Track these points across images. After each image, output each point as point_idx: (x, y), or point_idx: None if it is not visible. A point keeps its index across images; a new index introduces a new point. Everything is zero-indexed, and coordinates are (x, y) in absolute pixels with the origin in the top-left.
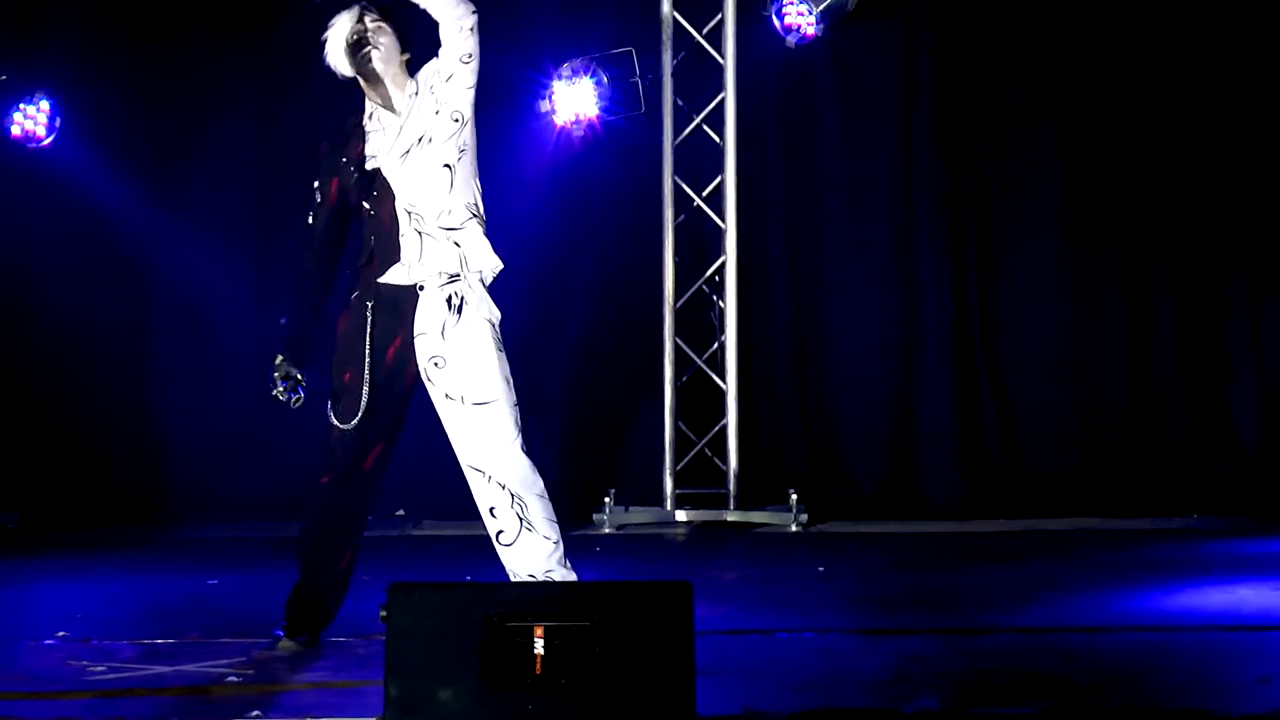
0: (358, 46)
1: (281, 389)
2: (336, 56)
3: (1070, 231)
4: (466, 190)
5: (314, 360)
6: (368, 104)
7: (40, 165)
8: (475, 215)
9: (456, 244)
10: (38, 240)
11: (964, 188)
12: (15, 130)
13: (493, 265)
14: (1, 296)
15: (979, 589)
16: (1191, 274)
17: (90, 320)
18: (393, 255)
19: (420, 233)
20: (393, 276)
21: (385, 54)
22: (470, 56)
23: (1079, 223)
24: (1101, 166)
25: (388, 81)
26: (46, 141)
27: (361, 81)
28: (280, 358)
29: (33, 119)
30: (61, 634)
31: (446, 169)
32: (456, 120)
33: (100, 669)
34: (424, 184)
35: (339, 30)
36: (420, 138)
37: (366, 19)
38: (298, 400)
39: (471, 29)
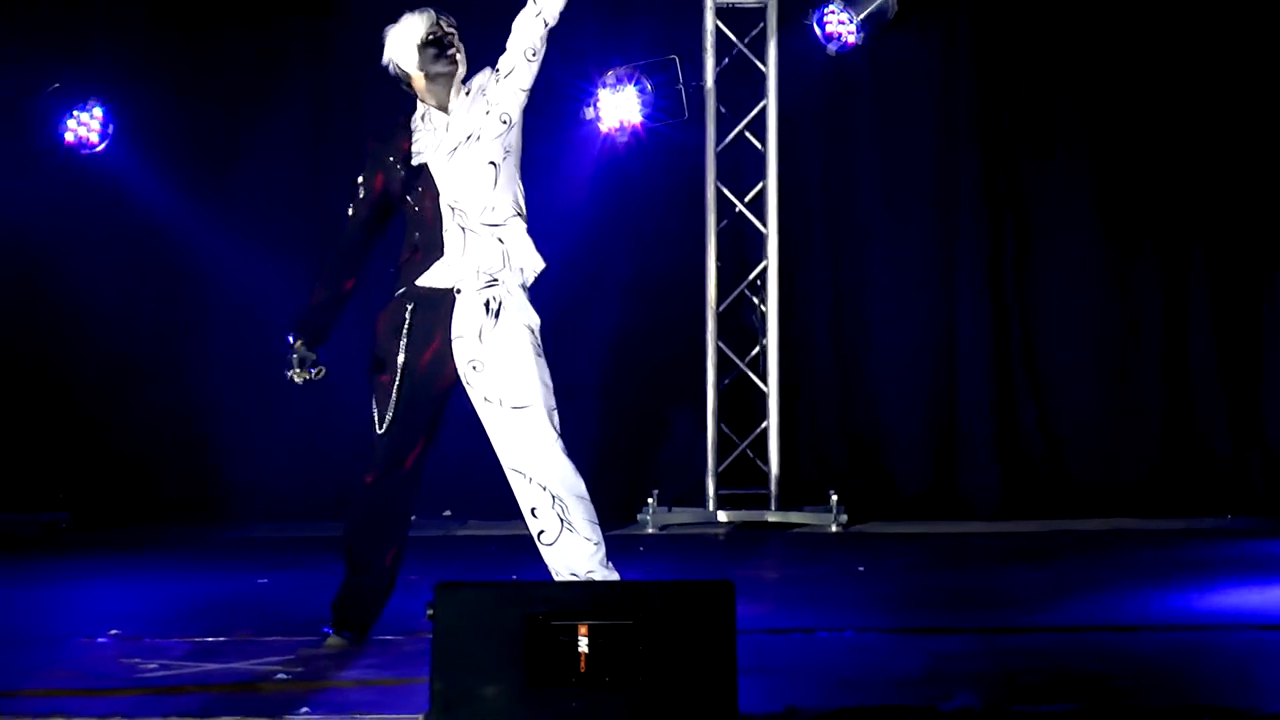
0: (439, 45)
1: (298, 371)
2: (406, 51)
3: (1108, 235)
4: (510, 189)
5: (328, 343)
6: (419, 105)
7: (94, 171)
8: (518, 214)
9: (500, 240)
10: (91, 244)
11: (1002, 191)
12: (69, 137)
13: (535, 264)
14: (56, 300)
15: (1017, 588)
16: (1228, 277)
17: (142, 323)
18: (436, 250)
19: (464, 228)
20: (432, 278)
21: (463, 56)
22: (535, 54)
23: (1116, 226)
24: (1139, 169)
25: (453, 82)
26: (100, 148)
27: (421, 80)
28: (299, 341)
29: (86, 125)
30: (114, 632)
31: (491, 166)
32: (505, 122)
33: (152, 666)
34: (469, 180)
35: (412, 28)
36: (469, 135)
37: (443, 22)
38: (320, 372)
39: (547, 25)
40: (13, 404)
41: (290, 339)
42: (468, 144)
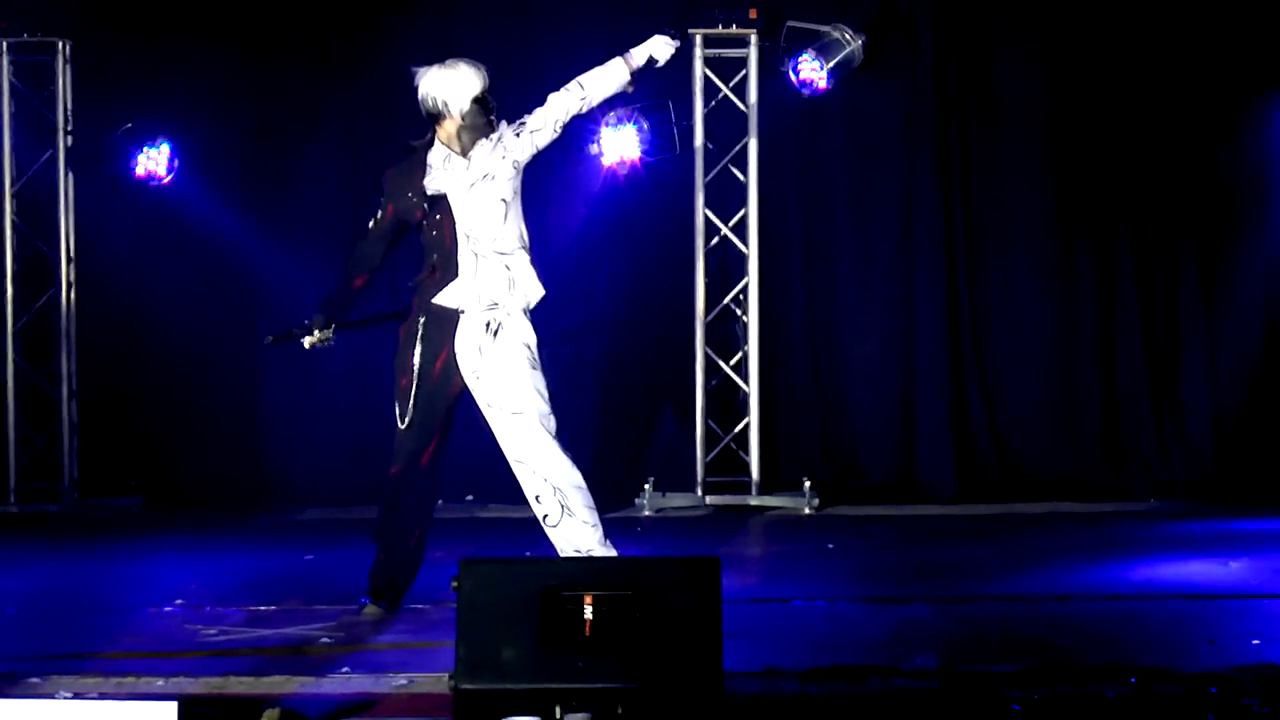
0: (487, 106)
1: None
2: (459, 98)
3: (1050, 255)
4: (517, 224)
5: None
6: (441, 147)
7: (161, 200)
8: (523, 246)
9: (507, 267)
10: (161, 262)
11: (957, 216)
12: (140, 170)
13: (536, 292)
14: (130, 311)
15: (969, 564)
16: (1153, 296)
17: (205, 329)
18: (452, 271)
19: (476, 254)
20: (443, 298)
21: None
22: (561, 127)
23: (1058, 248)
24: (1076, 202)
25: (480, 136)
26: (166, 180)
27: (455, 125)
28: (318, 316)
29: (154, 160)
30: (179, 601)
31: (503, 203)
32: (515, 167)
33: (212, 631)
34: (483, 213)
35: (470, 81)
36: (485, 175)
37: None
38: (320, 337)
39: (582, 112)
40: (94, 401)
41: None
42: (483, 181)
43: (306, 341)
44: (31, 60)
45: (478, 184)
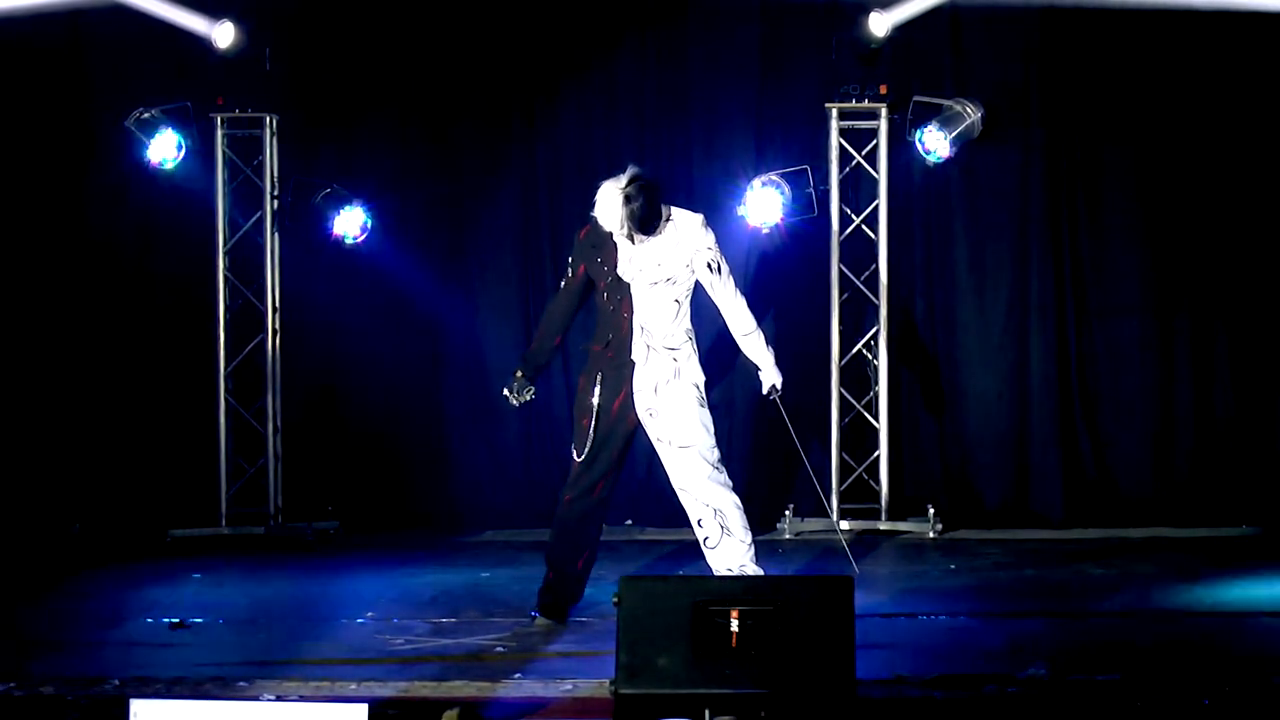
0: (632, 238)
1: (514, 394)
2: (606, 218)
3: (1150, 301)
4: (686, 319)
5: (541, 379)
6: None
7: (355, 256)
8: (690, 340)
9: (674, 360)
10: (355, 311)
11: (1065, 268)
12: (336, 230)
13: (698, 378)
14: (328, 355)
15: (1077, 583)
16: (1244, 334)
17: (393, 371)
18: (625, 355)
19: (649, 346)
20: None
21: (645, 231)
22: (714, 294)
23: (1157, 295)
24: (1175, 252)
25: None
26: (360, 238)
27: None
28: (519, 371)
29: (349, 221)
30: (370, 614)
31: (676, 304)
32: (692, 273)
33: (399, 641)
34: (659, 311)
35: (610, 210)
36: (668, 278)
37: (630, 210)
38: (530, 394)
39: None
40: (296, 435)
41: (516, 372)
42: (666, 284)
43: (513, 399)
44: (243, 133)
45: (660, 284)
